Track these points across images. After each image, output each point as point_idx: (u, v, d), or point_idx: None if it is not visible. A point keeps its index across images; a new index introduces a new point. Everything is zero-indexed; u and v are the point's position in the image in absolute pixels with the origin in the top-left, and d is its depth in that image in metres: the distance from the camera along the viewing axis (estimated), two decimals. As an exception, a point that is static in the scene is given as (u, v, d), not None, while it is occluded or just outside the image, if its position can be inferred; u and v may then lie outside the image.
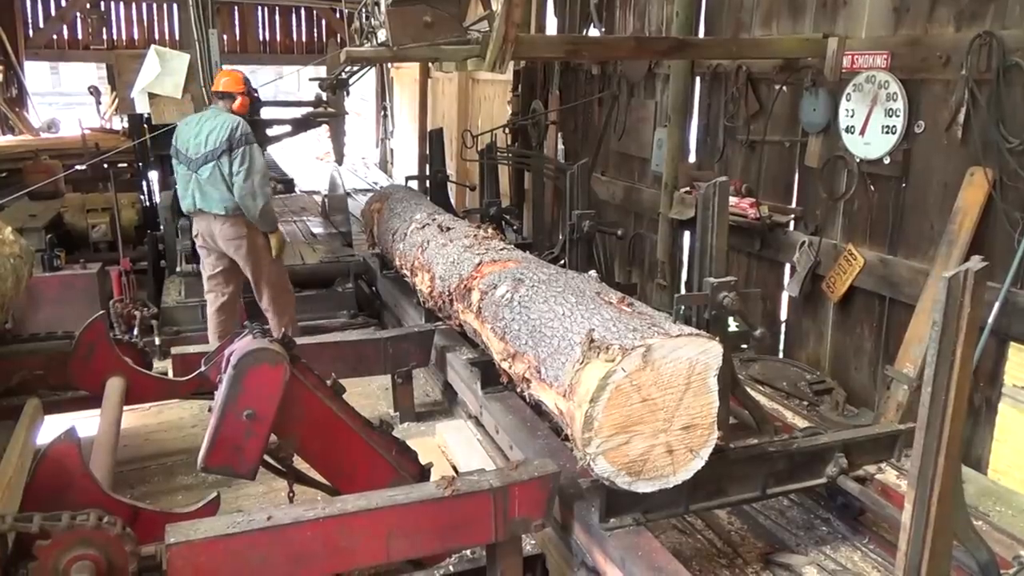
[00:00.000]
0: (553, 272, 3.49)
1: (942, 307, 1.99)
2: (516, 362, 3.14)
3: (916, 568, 2.23)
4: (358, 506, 2.48)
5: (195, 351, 4.18)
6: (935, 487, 2.14)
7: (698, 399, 2.59)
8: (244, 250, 5.08)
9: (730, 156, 5.71)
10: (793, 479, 3.12)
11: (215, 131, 4.90)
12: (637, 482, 2.60)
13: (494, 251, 4.00)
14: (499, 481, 2.66)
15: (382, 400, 4.94)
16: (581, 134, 7.75)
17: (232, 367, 2.74)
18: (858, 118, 4.50)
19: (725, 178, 3.09)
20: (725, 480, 2.99)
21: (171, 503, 3.63)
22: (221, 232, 5.04)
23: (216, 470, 2.80)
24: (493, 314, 3.42)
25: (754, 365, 5.09)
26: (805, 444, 3.13)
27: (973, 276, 1.99)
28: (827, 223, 4.87)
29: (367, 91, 15.15)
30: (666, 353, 2.52)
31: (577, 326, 2.82)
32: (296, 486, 2.99)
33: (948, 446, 2.11)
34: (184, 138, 5.03)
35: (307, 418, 2.91)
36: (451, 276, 4.02)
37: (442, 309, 4.19)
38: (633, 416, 2.53)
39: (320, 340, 4.52)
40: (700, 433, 2.62)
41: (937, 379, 2.04)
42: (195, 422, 4.54)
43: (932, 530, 2.18)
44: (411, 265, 4.76)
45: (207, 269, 5.25)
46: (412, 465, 3.11)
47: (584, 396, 2.54)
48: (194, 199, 5.03)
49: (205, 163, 4.91)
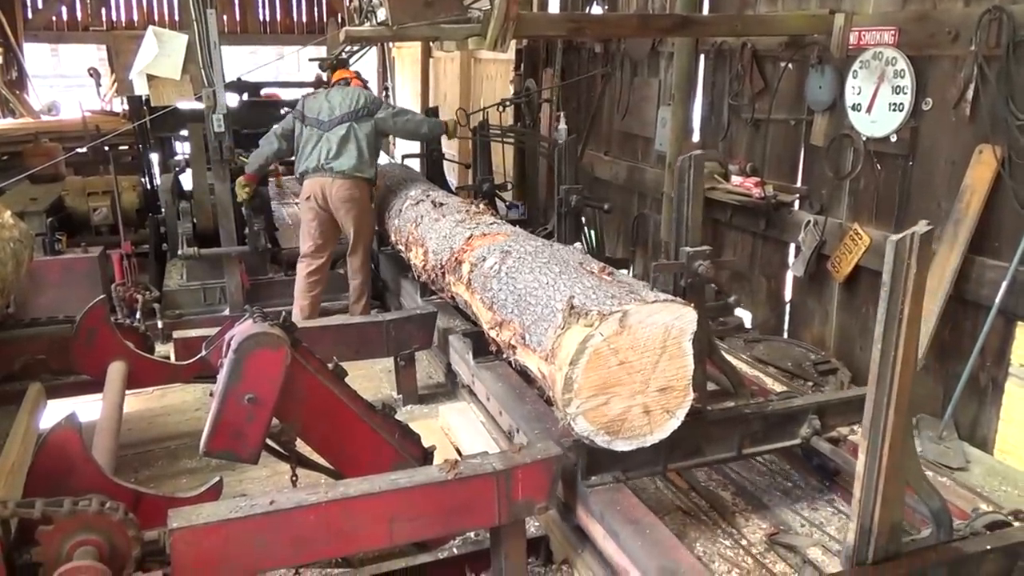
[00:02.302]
0: (539, 244, 3.63)
1: (890, 268, 2.17)
2: (503, 330, 3.26)
3: (870, 513, 2.41)
4: (361, 490, 2.47)
5: (197, 335, 4.18)
6: (886, 437, 2.33)
7: (674, 362, 2.72)
8: (356, 211, 5.36)
9: (735, 135, 5.66)
10: (768, 440, 3.27)
11: (347, 98, 5.36)
12: (615, 441, 2.75)
13: (484, 225, 4.15)
14: (502, 464, 2.65)
15: (385, 383, 4.94)
16: (584, 113, 7.69)
17: (233, 351, 2.73)
18: (865, 95, 4.45)
19: (700, 152, 3.20)
20: (702, 441, 3.15)
21: (174, 487, 3.64)
22: (337, 192, 5.28)
23: (218, 455, 2.80)
24: (482, 285, 3.55)
25: (758, 345, 5.08)
26: (779, 406, 3.30)
27: (919, 239, 2.16)
28: (833, 202, 4.83)
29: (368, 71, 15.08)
30: (642, 318, 2.66)
31: (560, 294, 2.94)
32: (299, 470, 2.99)
33: (897, 399, 2.29)
34: (311, 107, 5.40)
35: (309, 402, 2.90)
36: (443, 250, 4.17)
37: (435, 282, 4.34)
38: (611, 378, 2.67)
39: (322, 323, 4.52)
40: (676, 395, 2.76)
41: (886, 336, 2.23)
42: (198, 406, 4.54)
43: (884, 478, 2.36)
44: (406, 240, 4.95)
45: (309, 234, 5.45)
46: (415, 448, 3.11)
47: (564, 359, 2.66)
48: (319, 157, 5.28)
49: (341, 123, 5.30)
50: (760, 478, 3.68)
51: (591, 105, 7.53)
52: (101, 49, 13.70)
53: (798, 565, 3.02)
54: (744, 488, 3.61)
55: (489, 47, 4.10)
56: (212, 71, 5.45)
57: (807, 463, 3.63)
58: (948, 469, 3.65)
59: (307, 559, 2.50)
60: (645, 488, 3.54)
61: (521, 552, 2.79)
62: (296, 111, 5.46)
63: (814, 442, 3.24)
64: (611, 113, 7.22)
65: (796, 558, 3.08)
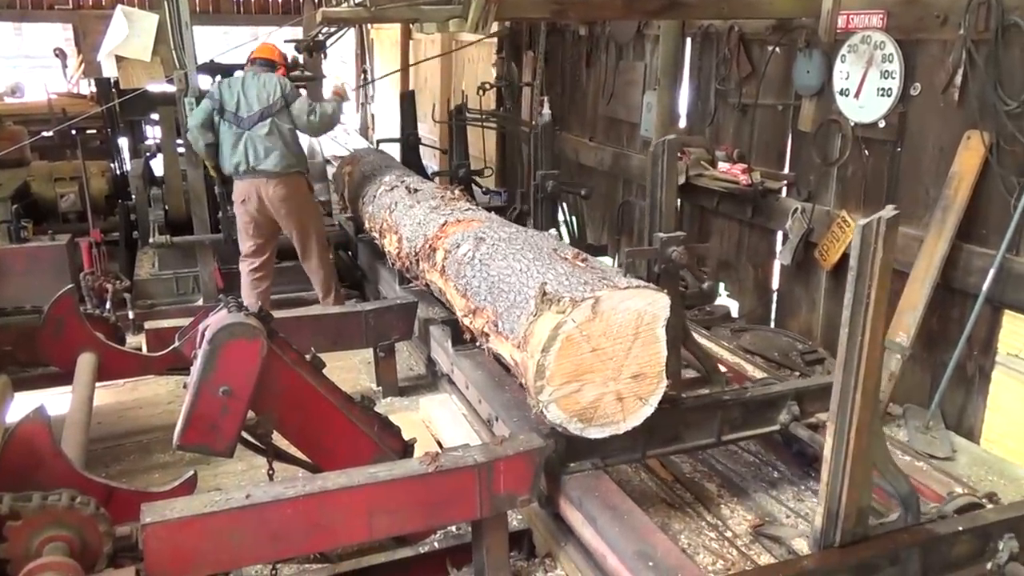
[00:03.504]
0: (514, 231, 3.68)
1: (857, 252, 2.24)
2: (476, 317, 3.31)
3: (837, 496, 2.48)
4: (339, 483, 2.48)
5: (169, 325, 4.15)
6: (853, 420, 2.39)
7: (646, 349, 2.77)
8: (297, 208, 5.23)
9: (721, 120, 5.69)
10: (747, 426, 3.35)
11: (264, 90, 5.09)
12: (588, 428, 2.80)
13: (459, 211, 4.19)
14: (484, 456, 2.67)
15: (364, 374, 4.94)
16: (568, 98, 7.69)
17: (207, 342, 2.72)
18: (853, 80, 4.48)
19: (674, 136, 3.27)
20: (680, 427, 3.23)
21: (147, 482, 3.63)
22: (274, 193, 5.15)
23: (192, 448, 2.79)
24: (456, 272, 3.59)
25: (745, 335, 5.12)
26: (758, 393, 3.38)
27: (885, 223, 2.22)
28: (820, 189, 4.87)
29: (347, 53, 14.97)
30: (615, 304, 2.71)
31: (533, 281, 2.99)
32: (276, 464, 2.99)
33: (864, 382, 2.35)
34: (227, 99, 5.13)
35: (286, 394, 2.90)
36: (417, 237, 4.21)
37: (409, 269, 4.39)
38: (583, 365, 2.71)
39: (299, 313, 4.50)
40: (649, 382, 2.81)
41: (853, 319, 2.31)
42: (171, 398, 4.52)
43: (851, 460, 2.42)
44: (380, 227, 4.97)
45: (247, 235, 5.33)
46: (395, 441, 3.11)
47: (536, 346, 2.71)
48: (246, 158, 5.10)
49: (261, 120, 5.08)
50: (745, 469, 3.73)
51: (575, 89, 7.54)
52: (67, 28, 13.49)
53: (783, 557, 3.06)
54: (729, 479, 3.65)
55: (470, 29, 4.09)
56: (184, 52, 5.39)
57: (786, 450, 3.69)
58: (934, 459, 3.71)
59: (284, 555, 2.51)
60: (629, 480, 3.58)
61: (503, 546, 2.81)
62: (212, 99, 5.15)
63: (792, 428, 3.32)
64: (596, 98, 7.22)
65: (781, 549, 3.12)
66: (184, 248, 5.82)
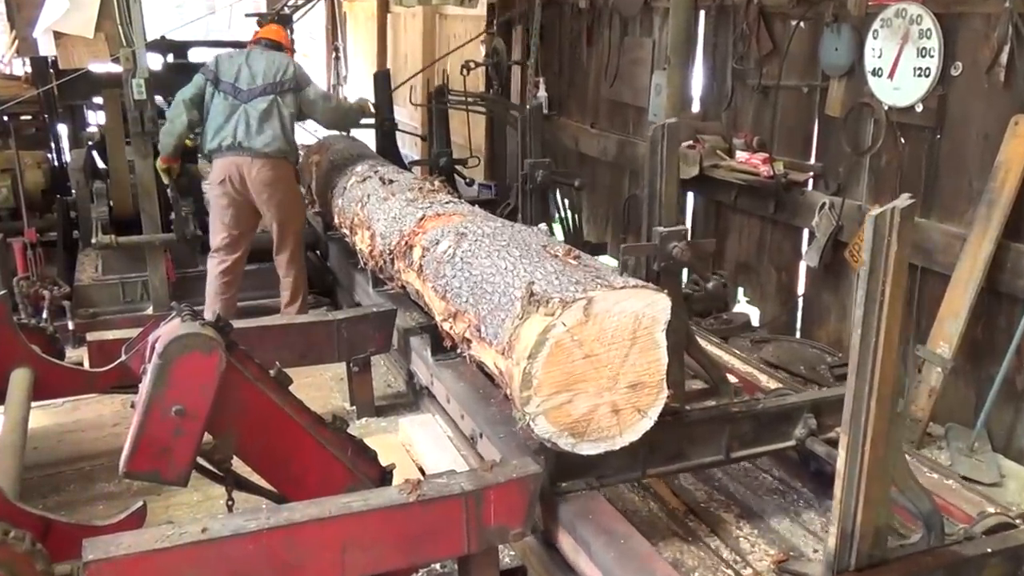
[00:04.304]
0: (499, 225, 3.70)
1: (869, 246, 2.26)
2: (457, 321, 3.34)
3: (851, 515, 2.48)
4: (308, 515, 2.49)
5: (114, 337, 4.15)
6: (868, 431, 2.40)
7: (645, 355, 2.78)
8: (280, 196, 5.33)
9: (739, 104, 5.72)
10: (759, 442, 3.34)
11: (273, 66, 5.27)
12: (581, 443, 2.80)
13: (439, 204, 4.24)
14: (472, 484, 2.68)
15: (336, 392, 4.94)
16: (567, 79, 7.73)
17: (158, 356, 2.73)
18: (886, 59, 4.52)
19: (675, 119, 3.28)
20: (685, 443, 3.22)
21: (89, 514, 3.62)
22: (259, 174, 5.23)
23: (141, 476, 2.79)
24: (434, 271, 3.61)
25: (767, 346, 5.15)
26: (771, 404, 3.38)
27: (900, 214, 2.24)
28: (851, 181, 4.90)
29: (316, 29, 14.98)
30: (609, 306, 2.71)
31: (519, 280, 3.01)
32: (236, 493, 2.99)
33: (880, 388, 2.36)
34: (226, 69, 5.29)
35: (247, 414, 2.91)
36: (392, 233, 4.25)
37: (383, 269, 4.44)
38: (575, 373, 2.72)
39: (262, 323, 4.51)
40: (648, 392, 2.82)
41: (866, 320, 2.32)
42: (116, 420, 4.51)
43: (866, 476, 2.43)
44: (351, 222, 5.00)
45: (222, 224, 5.38)
46: (371, 467, 3.12)
47: (522, 353, 2.71)
48: (235, 134, 5.19)
49: (263, 95, 5.22)
50: (768, 496, 3.73)
51: (575, 69, 7.57)
52: (-2, 1, 13.49)
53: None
54: (748, 507, 3.66)
55: (456, 1, 4.11)
56: (131, 28, 5.39)
57: (805, 469, 3.69)
58: (980, 485, 3.73)
59: (246, 596, 2.51)
60: (637, 511, 3.58)
61: (494, 585, 2.82)
62: (207, 71, 5.35)
63: (809, 443, 3.31)
64: (598, 79, 7.26)
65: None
66: (131, 249, 5.81)
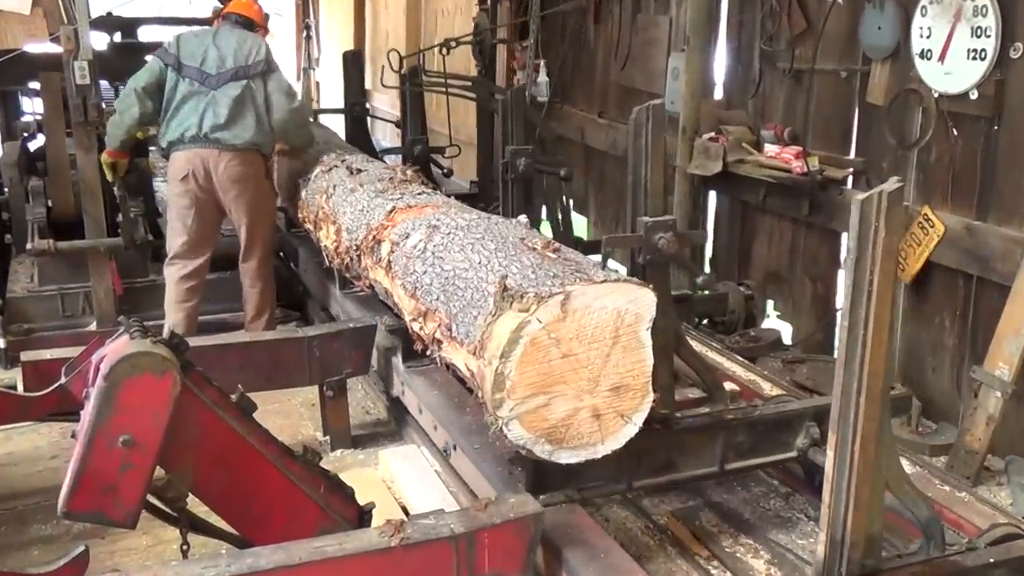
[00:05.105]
0: (474, 217, 3.83)
1: (855, 232, 2.39)
2: (427, 321, 3.44)
3: (841, 521, 2.58)
4: (275, 561, 2.48)
5: (53, 357, 4.13)
6: (857, 431, 2.50)
7: (628, 356, 2.87)
8: (251, 194, 5.34)
9: (769, 90, 5.74)
10: (757, 452, 3.46)
11: (244, 46, 5.31)
12: (559, 451, 2.88)
13: (410, 196, 4.39)
14: (463, 526, 2.67)
15: (307, 420, 4.94)
16: (572, 62, 7.75)
17: (103, 378, 2.72)
18: (936, 39, 4.53)
19: (660, 101, 3.38)
20: (675, 453, 3.33)
21: (23, 561, 3.62)
22: (227, 170, 5.25)
23: (83, 516, 2.78)
24: (404, 268, 3.72)
25: (800, 367, 5.14)
26: (769, 412, 3.50)
27: (888, 198, 2.36)
28: (896, 179, 4.91)
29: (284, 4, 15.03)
30: (589, 301, 2.80)
31: (494, 275, 3.10)
32: (192, 536, 2.98)
33: (869, 385, 2.46)
34: (191, 51, 5.30)
35: (205, 445, 2.90)
36: (359, 227, 4.38)
37: (350, 268, 4.57)
38: (553, 374, 2.81)
39: (222, 340, 4.50)
40: (632, 395, 2.90)
41: (854, 311, 2.43)
42: (55, 452, 4.51)
43: (856, 478, 2.54)
44: (315, 217, 5.11)
45: (184, 226, 5.37)
46: (347, 506, 3.12)
47: (495, 352, 2.80)
48: (202, 123, 5.21)
49: (234, 80, 5.26)
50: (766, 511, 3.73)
51: (580, 51, 7.59)
52: (-79, -27, 13.52)
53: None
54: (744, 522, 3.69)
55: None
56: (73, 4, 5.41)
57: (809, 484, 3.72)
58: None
59: (203, 655, 2.50)
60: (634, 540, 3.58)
61: (488, 642, 2.81)
62: (166, 55, 5.35)
63: (811, 454, 3.38)
64: (607, 62, 7.28)
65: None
66: (72, 256, 5.81)
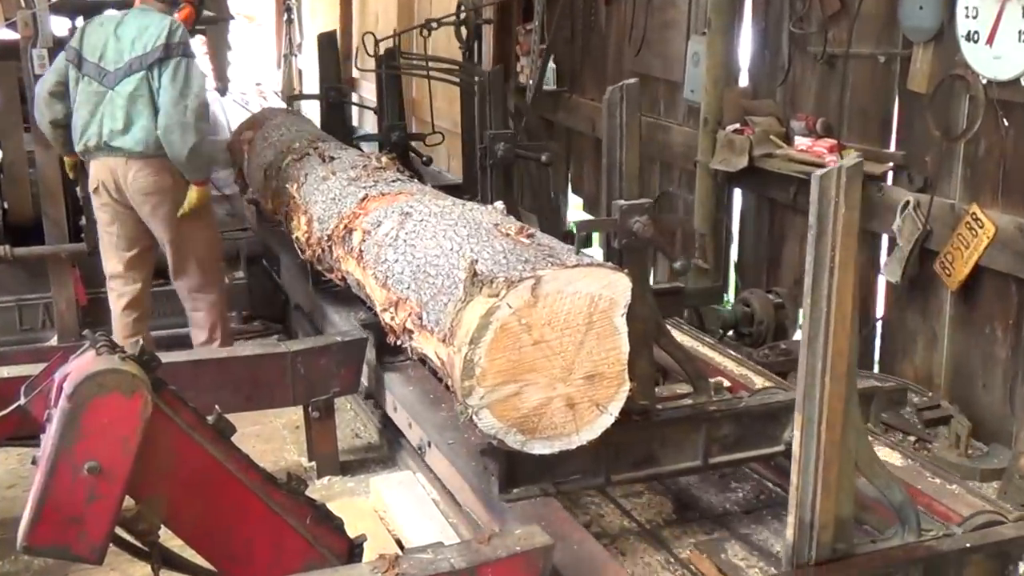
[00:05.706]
0: (448, 204, 4.03)
1: (816, 209, 2.55)
2: (398, 311, 3.61)
3: (809, 504, 2.74)
4: (256, 601, 2.49)
5: (10, 375, 4.15)
6: (823, 410, 2.67)
7: (603, 343, 3.04)
8: (165, 209, 5.15)
9: (799, 78, 5.74)
10: (742, 446, 3.64)
11: (146, 32, 4.98)
12: (532, 442, 3.05)
13: (384, 183, 4.59)
14: (464, 560, 2.67)
15: (290, 444, 4.96)
16: (581, 47, 7.75)
17: (67, 398, 2.73)
18: (984, 20, 4.53)
19: (635, 80, 3.52)
20: (656, 446, 3.50)
21: (-22, 601, 3.63)
22: (135, 181, 5.07)
23: (45, 551, 2.79)
24: (375, 256, 3.89)
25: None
26: (754, 403, 3.69)
27: (847, 173, 2.52)
28: (941, 174, 4.90)
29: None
30: (561, 286, 2.98)
31: (465, 261, 3.22)
32: (164, 572, 2.99)
33: (834, 364, 2.63)
34: (93, 43, 5.07)
35: (179, 472, 2.91)
36: (330, 216, 4.55)
37: (322, 260, 4.75)
38: (524, 362, 2.98)
39: (196, 356, 4.51)
40: (607, 384, 3.07)
41: (816, 288, 2.61)
42: (13, 480, 4.53)
43: (824, 460, 2.70)
44: (285, 208, 5.24)
45: (112, 246, 5.27)
46: (336, 539, 3.12)
47: (464, 338, 2.96)
48: (101, 130, 5.01)
49: (129, 74, 4.99)
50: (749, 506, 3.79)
51: (590, 35, 7.59)
52: None
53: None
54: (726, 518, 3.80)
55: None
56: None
57: None
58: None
59: None
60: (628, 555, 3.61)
61: None
62: (68, 48, 5.16)
63: None
64: (620, 46, 7.29)
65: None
66: (31, 264, 5.83)
